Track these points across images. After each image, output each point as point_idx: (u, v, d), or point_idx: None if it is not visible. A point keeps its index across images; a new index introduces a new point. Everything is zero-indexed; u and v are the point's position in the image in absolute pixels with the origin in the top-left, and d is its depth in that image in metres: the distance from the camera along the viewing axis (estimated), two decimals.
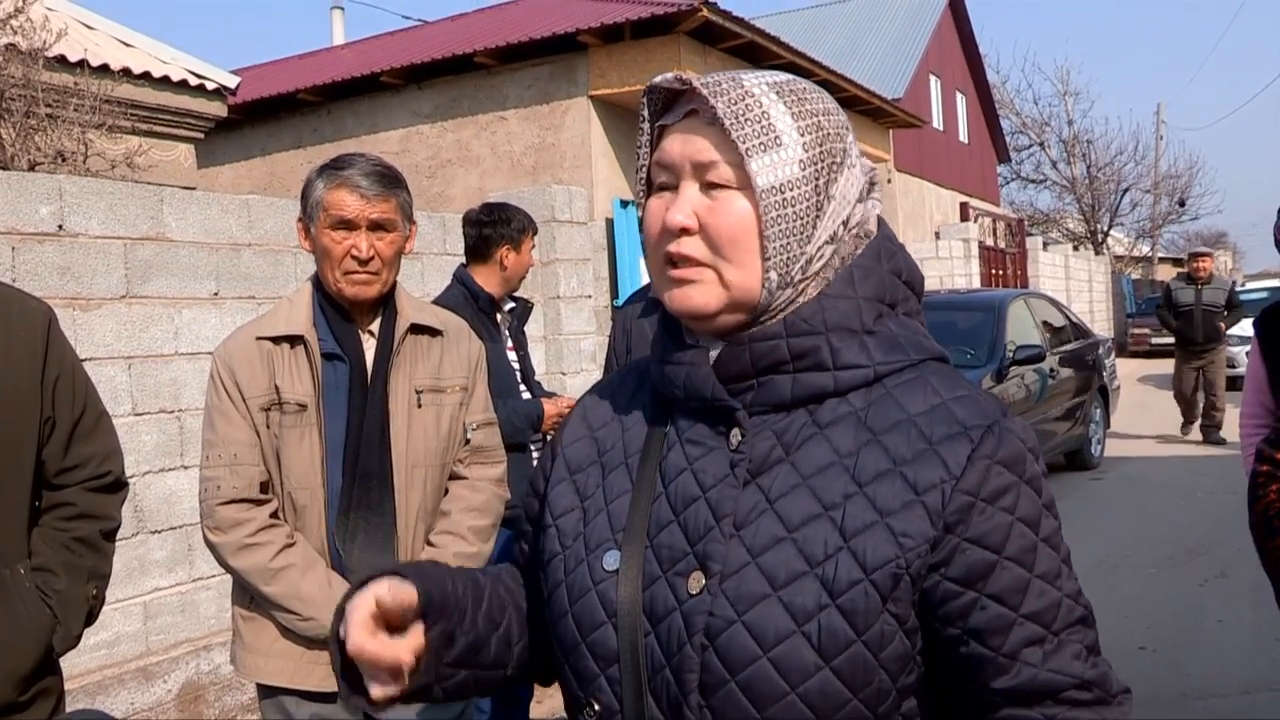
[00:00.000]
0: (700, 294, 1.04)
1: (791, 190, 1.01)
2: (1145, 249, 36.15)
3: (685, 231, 1.03)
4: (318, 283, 2.23)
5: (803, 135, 1.02)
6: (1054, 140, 33.14)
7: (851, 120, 15.88)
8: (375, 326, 2.25)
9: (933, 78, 23.57)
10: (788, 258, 1.02)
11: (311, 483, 2.15)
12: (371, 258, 2.14)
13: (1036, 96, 47.54)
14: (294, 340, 2.17)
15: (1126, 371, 15.56)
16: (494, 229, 3.85)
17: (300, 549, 2.14)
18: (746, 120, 1.01)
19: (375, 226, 2.15)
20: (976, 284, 16.14)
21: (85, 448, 2.01)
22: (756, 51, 12.45)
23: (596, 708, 1.06)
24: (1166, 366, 11.11)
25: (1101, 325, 23.94)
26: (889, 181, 19.74)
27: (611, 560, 1.07)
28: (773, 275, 1.02)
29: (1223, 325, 10.98)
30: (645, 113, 1.10)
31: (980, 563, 0.97)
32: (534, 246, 4.03)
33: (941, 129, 23.75)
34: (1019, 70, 46.42)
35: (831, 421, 1.03)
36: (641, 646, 1.03)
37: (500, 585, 1.22)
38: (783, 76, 1.07)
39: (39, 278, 3.85)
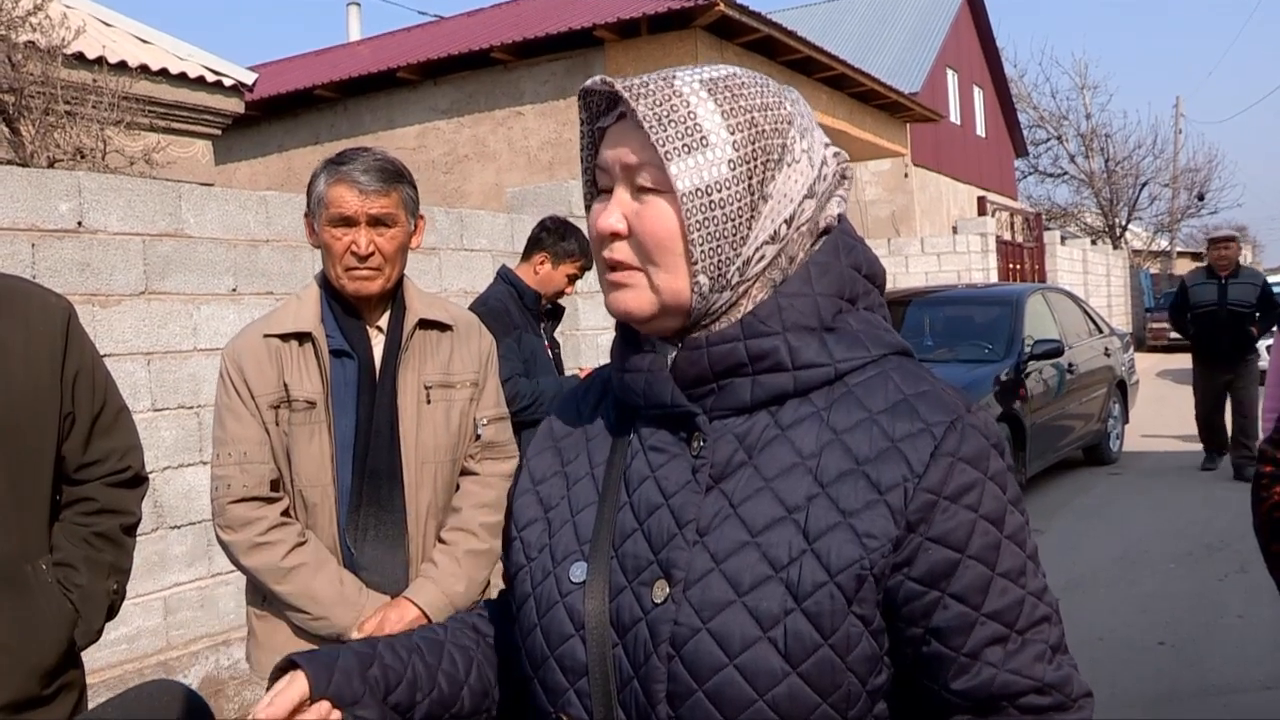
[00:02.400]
0: (633, 298, 1.03)
1: (720, 191, 0.98)
2: (1164, 243, 35.93)
3: (616, 236, 1.03)
4: (325, 279, 2.22)
5: (733, 134, 0.99)
6: (1072, 134, 32.98)
7: (868, 115, 15.84)
8: (384, 322, 2.23)
9: (950, 71, 23.46)
10: (719, 260, 1.00)
11: (322, 480, 2.14)
12: (371, 253, 2.12)
13: (1054, 90, 47.27)
14: (302, 338, 2.17)
15: (1145, 366, 15.48)
16: (548, 236, 4.07)
17: (311, 547, 2.13)
18: (671, 122, 0.98)
19: (375, 222, 2.13)
20: (994, 278, 16.06)
21: (105, 443, 2.02)
22: (773, 45, 12.43)
23: None
24: (1185, 361, 10.54)
25: (1120, 320, 23.81)
26: (906, 176, 19.67)
27: (578, 572, 1.06)
28: (702, 279, 1.00)
29: (1255, 330, 8.58)
30: (583, 115, 1.09)
31: (943, 562, 0.96)
32: (577, 276, 4.12)
33: (959, 123, 23.65)
34: (1036, 64, 46.31)
35: (794, 422, 1.01)
36: (610, 658, 1.02)
37: (463, 633, 1.24)
38: (724, 71, 1.03)
39: (58, 274, 3.88)
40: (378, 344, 2.22)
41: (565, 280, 4.12)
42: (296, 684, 1.06)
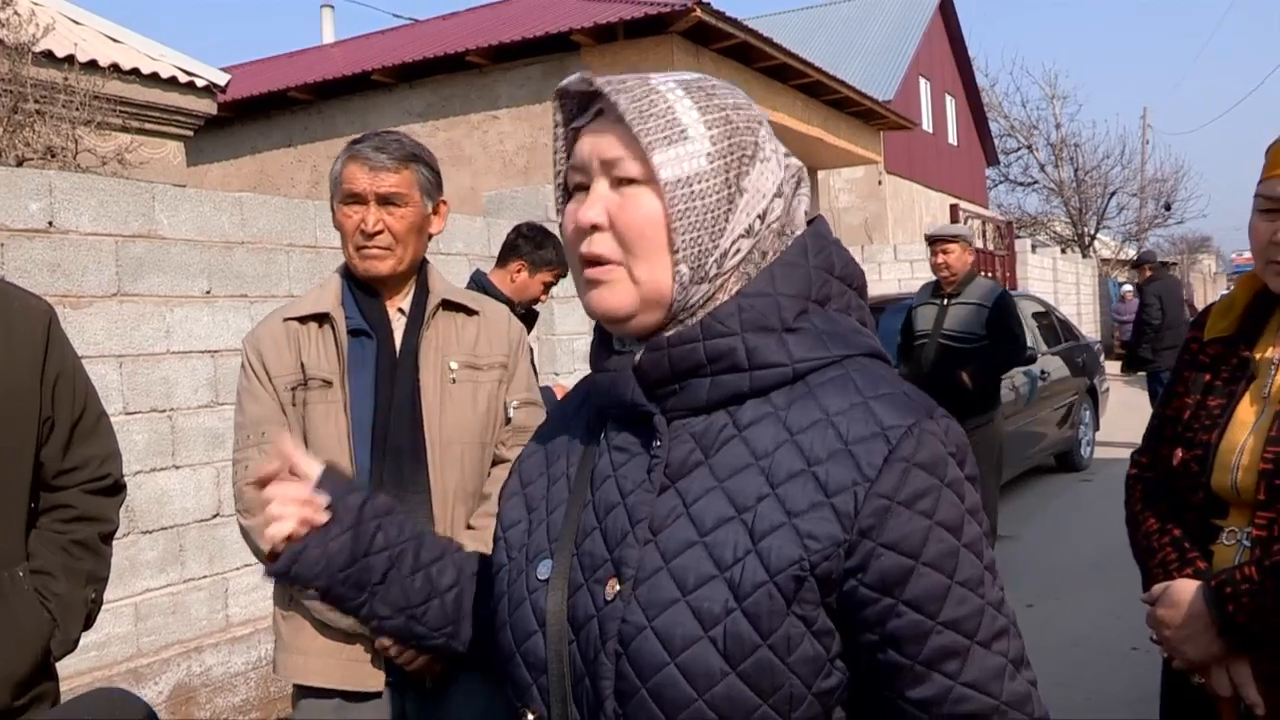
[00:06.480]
0: (613, 295, 1.03)
1: (700, 183, 1.00)
2: (1132, 252, 36.27)
3: (596, 229, 1.03)
4: (346, 264, 2.23)
5: (710, 129, 1.02)
6: (1042, 143, 33.21)
7: (843, 122, 15.86)
8: (406, 304, 2.21)
9: (922, 80, 23.64)
10: (699, 251, 1.01)
11: (339, 461, 2.09)
12: (379, 232, 2.10)
13: (1025, 99, 47.58)
14: (321, 319, 2.15)
15: (1115, 373, 15.61)
16: (525, 243, 4.04)
17: None
18: (651, 115, 1.01)
19: (385, 200, 2.11)
20: None
21: (85, 449, 1.98)
22: (749, 52, 12.46)
23: (531, 717, 1.06)
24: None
25: (1089, 327, 24.01)
26: (879, 183, 19.77)
27: (544, 569, 1.07)
28: (683, 269, 1.01)
29: (967, 376, 5.46)
30: (558, 117, 1.11)
31: (895, 568, 0.94)
32: (552, 284, 4.11)
33: (931, 131, 23.83)
34: (1007, 73, 46.49)
35: (752, 422, 1.01)
36: (566, 654, 1.03)
37: (468, 560, 1.30)
38: (693, 75, 1.07)
39: (28, 275, 3.81)
40: (399, 325, 2.19)
41: (541, 288, 4.11)
42: (314, 466, 1.20)
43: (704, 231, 1.01)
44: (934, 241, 5.87)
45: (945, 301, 5.80)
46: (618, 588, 0.99)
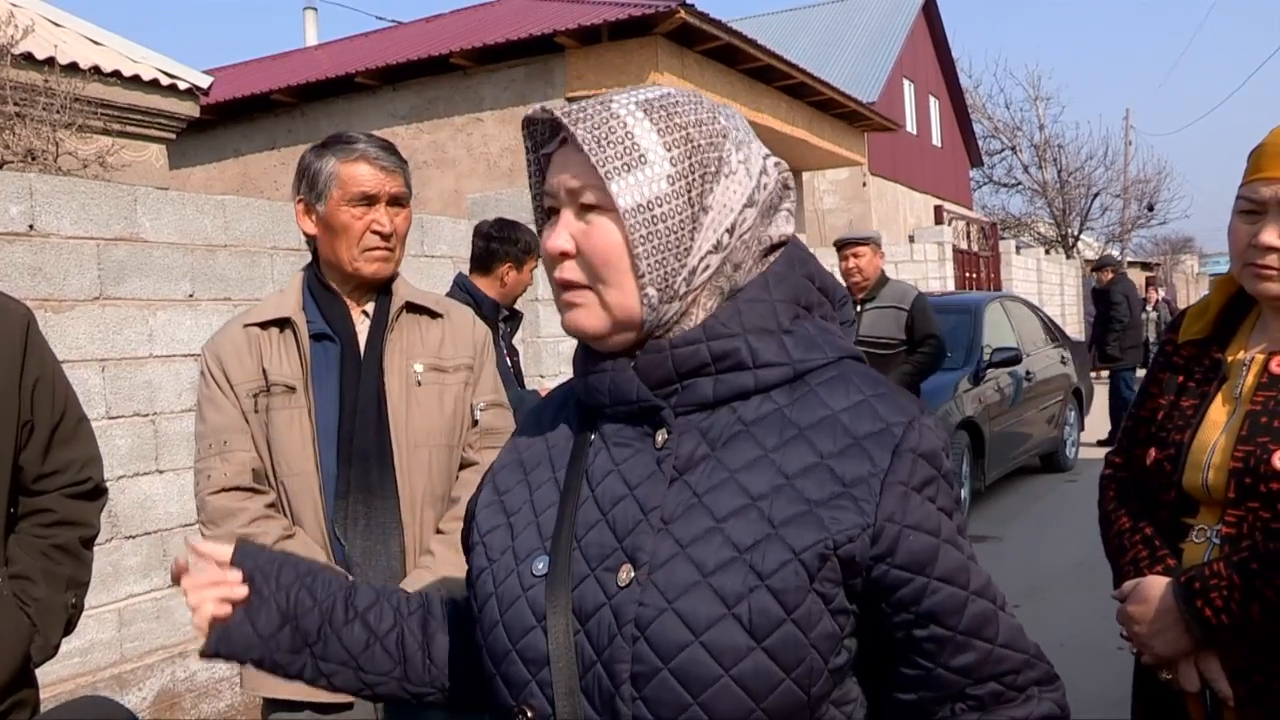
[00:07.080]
0: (586, 317, 1.07)
1: (660, 206, 1.03)
2: (1115, 253, 36.48)
3: (565, 255, 1.06)
4: (308, 271, 2.19)
5: (670, 150, 1.04)
6: (1025, 145, 33.31)
7: (827, 123, 15.84)
8: (370, 308, 2.19)
9: (906, 82, 23.70)
10: (665, 273, 1.04)
11: (304, 467, 2.07)
12: (392, 233, 2.11)
13: (1008, 101, 47.83)
14: (282, 324, 2.13)
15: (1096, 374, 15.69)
16: (501, 245, 4.02)
17: (298, 542, 2.04)
18: (609, 143, 1.03)
19: (393, 201, 2.12)
20: (951, 287, 16.21)
21: (65, 453, 1.96)
22: (733, 54, 12.48)
23: (529, 714, 1.06)
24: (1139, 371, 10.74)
25: (1073, 328, 24.13)
26: (863, 185, 19.83)
27: (540, 565, 1.08)
28: (650, 292, 1.04)
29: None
30: (528, 144, 1.14)
31: (924, 548, 1.01)
32: (535, 267, 4.13)
33: (915, 133, 23.89)
34: (991, 75, 46.47)
35: (756, 419, 1.06)
36: (572, 645, 1.04)
37: (406, 602, 1.28)
38: (658, 92, 1.08)
39: (9, 279, 3.78)
40: (362, 328, 2.17)
41: (530, 277, 4.15)
42: (224, 549, 1.21)
43: (669, 253, 1.04)
44: (843, 246, 5.77)
45: (859, 308, 5.69)
46: (632, 573, 1.01)
